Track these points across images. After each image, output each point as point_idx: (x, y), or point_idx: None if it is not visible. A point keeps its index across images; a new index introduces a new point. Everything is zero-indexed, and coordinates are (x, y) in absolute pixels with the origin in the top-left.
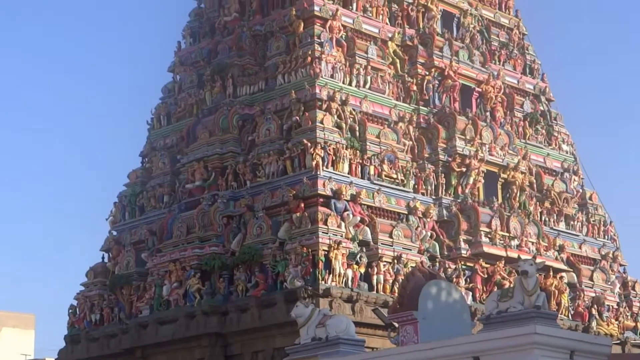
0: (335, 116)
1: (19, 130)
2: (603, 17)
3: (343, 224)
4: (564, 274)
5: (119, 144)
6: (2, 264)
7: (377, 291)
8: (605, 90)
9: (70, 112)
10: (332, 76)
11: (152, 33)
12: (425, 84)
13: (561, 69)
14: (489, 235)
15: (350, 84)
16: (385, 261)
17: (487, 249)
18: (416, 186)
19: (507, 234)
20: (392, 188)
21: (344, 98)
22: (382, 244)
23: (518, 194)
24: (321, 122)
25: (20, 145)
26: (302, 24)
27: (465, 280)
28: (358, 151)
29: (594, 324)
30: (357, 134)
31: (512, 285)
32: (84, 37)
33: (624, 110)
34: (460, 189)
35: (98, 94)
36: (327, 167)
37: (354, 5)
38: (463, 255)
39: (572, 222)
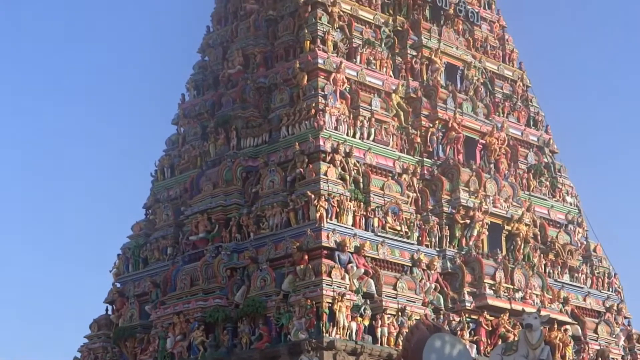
0: (339, 168)
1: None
2: (607, 69)
3: (347, 276)
4: (568, 326)
5: (122, 196)
6: (3, 315)
7: (382, 344)
8: (610, 142)
9: (74, 163)
10: (336, 128)
11: (155, 86)
12: (429, 136)
13: (565, 120)
14: (493, 288)
15: (354, 136)
16: (389, 314)
17: (491, 301)
18: (420, 238)
19: (512, 286)
20: (396, 240)
21: (347, 150)
22: (386, 296)
23: (522, 246)
24: (325, 174)
25: (24, 195)
26: (306, 77)
27: (470, 332)
28: (362, 203)
29: None
30: (361, 185)
31: (516, 339)
32: (89, 90)
33: (628, 162)
34: (464, 241)
35: (102, 146)
36: (331, 219)
37: (358, 58)
38: (467, 307)
39: (576, 275)
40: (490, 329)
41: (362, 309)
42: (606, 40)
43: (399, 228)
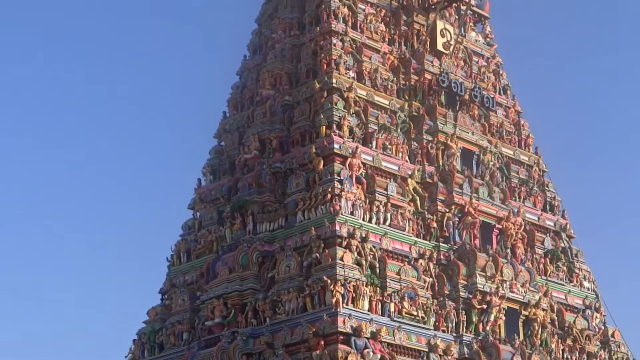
0: (355, 253)
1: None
2: (622, 154)
3: None
4: None
5: (138, 281)
6: None
7: None
8: (626, 227)
9: (90, 250)
10: (352, 213)
11: (172, 171)
12: (445, 220)
13: (582, 205)
14: None
15: (370, 221)
16: None
17: None
18: (437, 323)
19: None
20: (413, 325)
21: (364, 235)
22: None
23: (540, 332)
24: (341, 259)
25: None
26: (322, 162)
27: None
28: (378, 288)
29: None
30: (377, 270)
31: None
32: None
33: None
34: (481, 326)
35: (119, 231)
36: (347, 304)
37: (374, 143)
38: None
39: None
40: None
41: None
42: (620, 126)
43: (415, 313)
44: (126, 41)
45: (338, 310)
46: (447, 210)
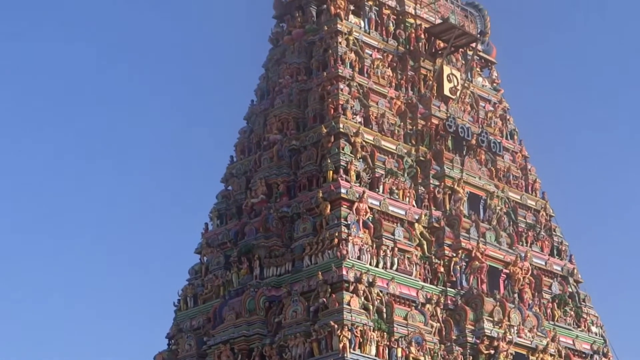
0: (363, 298)
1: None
2: (629, 196)
3: None
4: None
5: (145, 325)
6: None
7: None
8: (635, 271)
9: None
10: (359, 258)
11: (179, 215)
12: (452, 265)
13: (589, 250)
14: None
15: (377, 266)
16: None
17: None
18: None
19: None
20: None
21: (371, 280)
22: None
23: None
24: (348, 304)
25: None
26: (329, 206)
27: None
28: (385, 333)
29: None
30: (385, 315)
31: None
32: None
33: None
34: None
35: (125, 276)
36: (354, 350)
37: (381, 187)
38: None
39: None
40: None
41: None
42: (628, 172)
43: (422, 358)
44: (137, 86)
45: (345, 355)
46: (454, 254)
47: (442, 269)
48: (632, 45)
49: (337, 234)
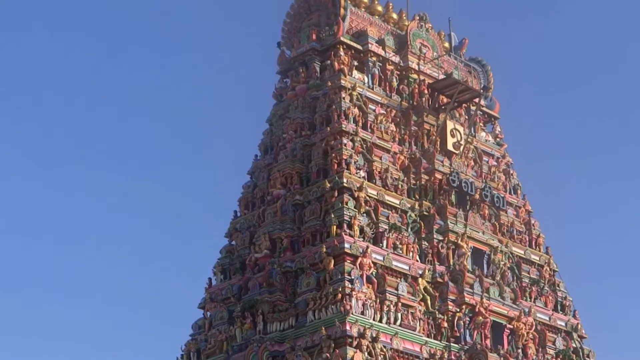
0: (366, 353)
1: None
2: (633, 252)
3: None
4: None
5: None
6: None
7: None
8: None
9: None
10: (362, 313)
11: (182, 270)
12: (456, 320)
13: (594, 305)
14: None
15: (380, 321)
16: None
17: None
18: None
19: None
20: None
21: (374, 335)
22: None
23: None
24: (352, 359)
25: None
26: (333, 261)
27: None
28: None
29: None
30: None
31: None
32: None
33: None
34: None
35: (128, 330)
36: None
37: (384, 242)
38: None
39: None
40: None
41: None
42: (632, 225)
43: None
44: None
45: None
46: (458, 310)
47: (445, 324)
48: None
49: (340, 289)
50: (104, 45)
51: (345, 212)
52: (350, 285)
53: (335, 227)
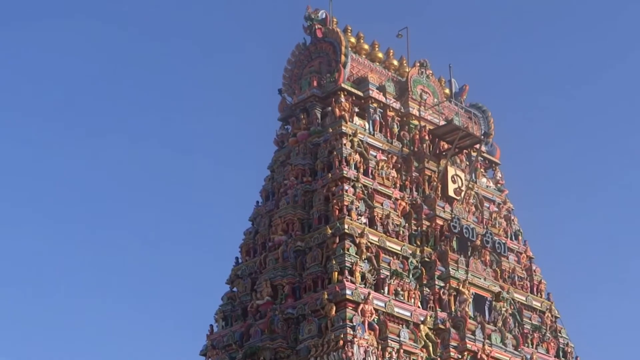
0: None
1: None
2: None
3: None
4: None
5: None
6: None
7: None
8: None
9: None
10: (364, 359)
11: (183, 318)
12: None
13: (595, 352)
14: None
15: None
16: None
17: None
18: None
19: None
20: None
21: None
22: None
23: None
24: None
25: None
26: (334, 308)
27: None
28: None
29: None
30: None
31: None
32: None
33: None
34: None
35: None
36: None
37: (386, 289)
38: None
39: None
40: None
41: None
42: (634, 271)
43: None
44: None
45: None
46: (460, 356)
47: None
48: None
49: (342, 336)
50: (103, 116)
51: (346, 259)
52: (352, 332)
53: (336, 273)
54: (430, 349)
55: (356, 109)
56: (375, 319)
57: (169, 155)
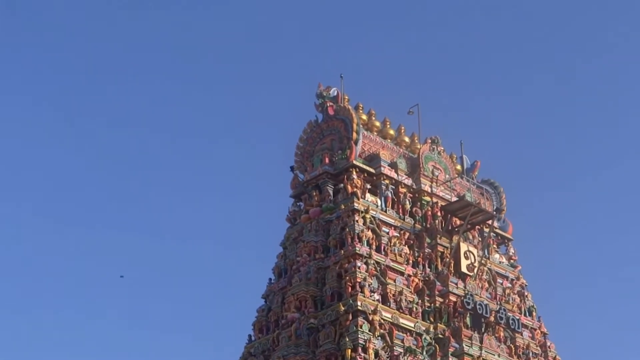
0: None
1: None
2: None
3: None
4: None
5: None
6: None
7: None
8: None
9: None
10: None
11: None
12: None
13: None
14: None
15: None
16: None
17: None
18: None
19: None
20: None
21: None
22: None
23: None
24: None
25: None
26: None
27: None
28: None
29: None
30: None
31: None
32: None
33: None
34: None
35: None
36: None
37: None
38: None
39: None
40: None
41: None
42: None
43: None
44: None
45: None
46: None
47: None
48: None
49: None
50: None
51: (359, 336)
52: None
53: (350, 350)
54: None
55: (368, 186)
56: None
57: (183, 234)
